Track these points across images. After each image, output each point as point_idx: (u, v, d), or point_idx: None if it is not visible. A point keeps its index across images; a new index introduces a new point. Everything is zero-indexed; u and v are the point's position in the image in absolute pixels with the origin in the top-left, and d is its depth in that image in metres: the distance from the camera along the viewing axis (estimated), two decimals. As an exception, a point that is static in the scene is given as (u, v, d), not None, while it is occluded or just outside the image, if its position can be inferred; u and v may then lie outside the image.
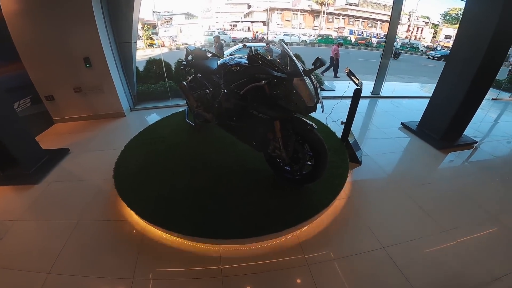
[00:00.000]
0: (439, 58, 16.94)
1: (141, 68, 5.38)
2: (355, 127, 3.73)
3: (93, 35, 3.56)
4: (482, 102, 3.53)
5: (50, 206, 2.35)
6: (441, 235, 2.10)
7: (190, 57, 3.14)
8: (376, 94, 5.34)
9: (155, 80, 5.18)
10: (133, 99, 4.69)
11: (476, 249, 2.00)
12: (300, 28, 28.07)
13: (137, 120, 4.21)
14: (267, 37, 19.83)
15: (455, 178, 2.97)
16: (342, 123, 2.92)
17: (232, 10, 31.12)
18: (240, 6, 31.03)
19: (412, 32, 28.66)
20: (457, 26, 3.45)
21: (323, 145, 2.00)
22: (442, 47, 23.40)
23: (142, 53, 13.65)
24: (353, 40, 22.30)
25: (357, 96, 2.66)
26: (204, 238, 1.90)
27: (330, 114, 3.32)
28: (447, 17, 30.55)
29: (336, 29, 28.59)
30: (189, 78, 3.17)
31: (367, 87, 5.52)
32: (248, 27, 23.32)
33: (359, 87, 2.62)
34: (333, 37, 22.21)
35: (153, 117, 4.25)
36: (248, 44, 8.66)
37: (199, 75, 2.98)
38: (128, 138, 3.19)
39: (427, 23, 31.61)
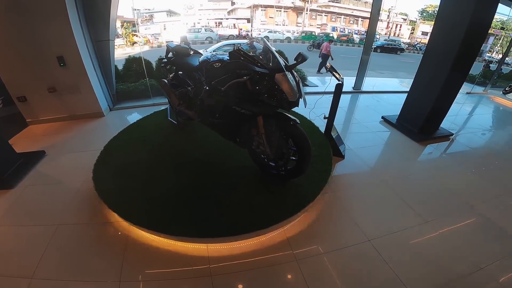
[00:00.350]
0: (375, 49, 17.55)
1: (120, 67, 5.20)
2: (338, 122, 3.79)
3: (67, 32, 3.38)
4: (457, 96, 3.70)
5: (28, 211, 2.25)
6: (423, 226, 2.17)
7: (171, 54, 3.06)
8: (357, 89, 5.46)
9: (135, 78, 5.02)
10: (112, 98, 4.52)
11: (457, 239, 2.09)
12: (284, 25, 28.21)
13: (117, 120, 4.07)
14: (251, 34, 19.75)
15: (434, 169, 3.09)
16: (325, 117, 2.95)
17: (215, 7, 30.79)
18: (224, 3, 30.78)
19: (391, 29, 29.50)
20: (433, 22, 3.57)
21: (307, 140, 2.02)
22: (419, 42, 24.22)
23: (122, 51, 13.21)
24: (335, 37, 22.65)
25: (338, 91, 2.70)
26: (191, 238, 1.87)
27: (313, 109, 3.35)
28: (424, 14, 31.67)
29: (319, 26, 28.96)
30: (170, 75, 3.09)
31: (349, 83, 5.64)
32: (234, 24, 23.14)
33: (340, 82, 2.66)
34: (316, 34, 22.48)
35: (134, 116, 4.13)
36: (229, 42, 8.58)
37: (180, 72, 2.92)
38: (107, 138, 3.08)
39: (405, 20, 32.63)
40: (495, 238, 2.14)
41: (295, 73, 2.00)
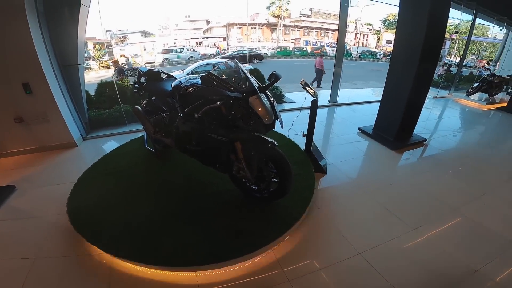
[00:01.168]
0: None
1: (92, 92, 5.02)
2: (317, 137, 3.85)
3: (32, 58, 3.21)
4: (425, 101, 3.89)
5: (1, 245, 2.11)
6: (411, 234, 2.20)
7: (143, 79, 2.98)
8: (333, 102, 5.63)
9: (109, 104, 4.84)
10: (85, 127, 4.32)
11: (447, 244, 2.13)
12: (259, 41, 29.00)
13: (91, 150, 3.87)
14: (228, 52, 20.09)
15: (413, 176, 3.18)
16: (304, 135, 2.98)
17: (191, 26, 31.16)
18: (199, 22, 31.24)
19: (359, 39, 31.24)
20: (395, 31, 3.73)
21: (286, 161, 2.01)
22: (386, 51, 25.77)
23: (96, 74, 12.87)
24: (309, 51, 23.54)
25: (314, 107, 2.74)
26: (177, 267, 1.80)
27: (291, 127, 3.38)
28: (386, 23, 33.79)
29: (293, 41, 30.08)
30: (144, 102, 3.00)
31: (325, 96, 5.80)
32: (214, 43, 23.50)
33: (315, 99, 2.70)
34: (291, 49, 23.24)
35: (109, 145, 3.95)
36: (208, 61, 8.63)
37: (153, 98, 2.84)
38: (81, 170, 2.93)
39: (370, 29, 34.68)
40: (484, 238, 2.20)
41: (269, 94, 2.01)
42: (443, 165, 3.46)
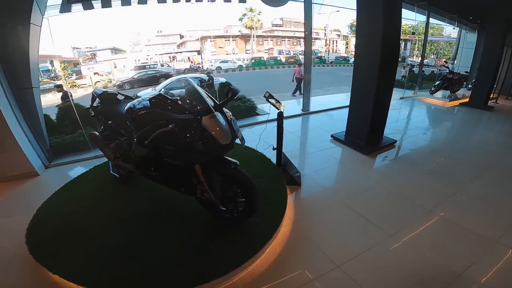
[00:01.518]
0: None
1: (54, 116, 4.70)
2: (291, 148, 3.83)
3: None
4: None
5: None
6: (389, 241, 2.18)
7: (97, 102, 2.80)
8: (306, 110, 5.66)
9: (71, 129, 4.55)
10: (46, 154, 4.01)
11: (425, 247, 2.13)
12: (233, 53, 29.23)
13: (54, 178, 3.59)
14: (202, 66, 20.01)
15: (386, 180, 3.22)
16: (273, 149, 2.93)
17: (163, 41, 30.86)
18: (172, 37, 31.03)
19: (329, 45, 32.47)
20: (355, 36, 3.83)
21: (250, 180, 1.96)
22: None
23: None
24: (283, 60, 24.03)
25: (280, 119, 2.71)
26: None
27: (260, 141, 3.34)
28: (353, 28, 35.45)
29: (267, 51, 30.65)
30: (101, 127, 2.82)
31: (298, 105, 5.85)
32: (188, 58, 23.29)
33: (281, 111, 2.67)
34: (265, 59, 23.58)
35: (74, 172, 3.68)
36: (180, 77, 8.48)
37: (109, 122, 2.68)
38: (42, 199, 2.74)
39: (339, 35, 36.18)
40: (463, 239, 2.23)
41: (227, 111, 1.93)
42: (414, 166, 3.55)
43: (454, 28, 12.51)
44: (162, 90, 2.06)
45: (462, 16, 9.13)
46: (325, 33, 33.40)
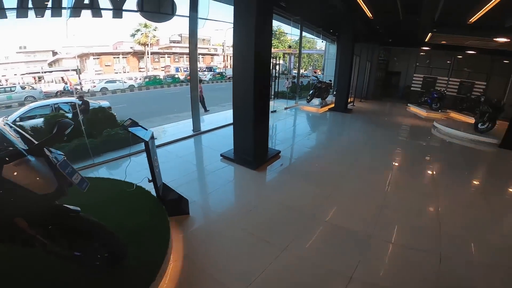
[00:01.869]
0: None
1: None
2: (179, 175, 3.59)
3: None
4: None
5: None
6: (282, 256, 2.24)
7: None
8: (197, 131, 5.46)
9: None
10: None
11: (316, 256, 2.28)
12: (124, 72, 26.54)
13: None
14: (81, 88, 17.00)
15: (273, 192, 3.39)
16: (149, 181, 2.62)
17: (29, 59, 25.04)
18: (41, 54, 25.58)
19: (227, 61, 34.11)
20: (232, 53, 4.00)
21: (99, 224, 1.66)
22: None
23: None
24: (181, 78, 23.39)
25: (147, 148, 2.45)
26: None
27: (126, 178, 2.99)
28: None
29: (163, 68, 29.34)
30: None
31: (189, 126, 5.62)
32: (62, 78, 19.22)
33: (147, 140, 2.42)
34: (162, 77, 22.35)
35: None
36: (43, 103, 6.93)
37: None
38: None
39: (236, 52, 38.54)
40: (349, 241, 2.49)
41: (55, 151, 1.54)
42: (296, 174, 3.92)
43: (322, 41, 15.25)
44: (18, 118, 1.44)
45: (325, 29, 11.24)
46: (223, 49, 34.81)
